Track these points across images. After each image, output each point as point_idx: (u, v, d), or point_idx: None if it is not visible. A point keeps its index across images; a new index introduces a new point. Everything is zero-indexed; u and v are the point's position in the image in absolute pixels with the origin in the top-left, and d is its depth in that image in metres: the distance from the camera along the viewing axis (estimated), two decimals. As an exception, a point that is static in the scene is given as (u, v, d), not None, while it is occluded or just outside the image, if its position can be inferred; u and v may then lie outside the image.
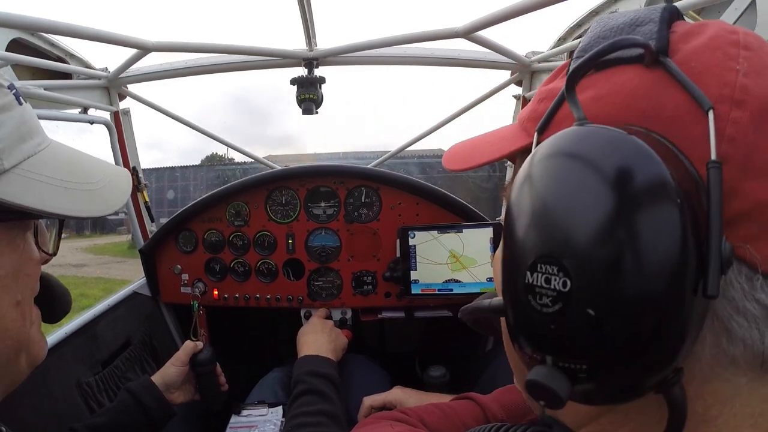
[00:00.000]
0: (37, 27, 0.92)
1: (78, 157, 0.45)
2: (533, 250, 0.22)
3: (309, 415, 0.82)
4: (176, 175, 13.60)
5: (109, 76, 1.24)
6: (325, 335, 1.08)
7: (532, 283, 0.22)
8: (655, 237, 0.19)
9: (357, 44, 1.18)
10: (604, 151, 0.21)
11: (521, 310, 0.23)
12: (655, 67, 0.24)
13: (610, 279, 0.20)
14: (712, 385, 0.24)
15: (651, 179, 0.20)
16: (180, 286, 1.31)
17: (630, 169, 0.20)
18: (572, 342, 0.21)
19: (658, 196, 0.20)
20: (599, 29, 0.28)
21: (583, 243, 0.20)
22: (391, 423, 0.56)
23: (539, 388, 0.22)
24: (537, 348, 0.23)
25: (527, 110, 0.33)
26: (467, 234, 1.13)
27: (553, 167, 0.23)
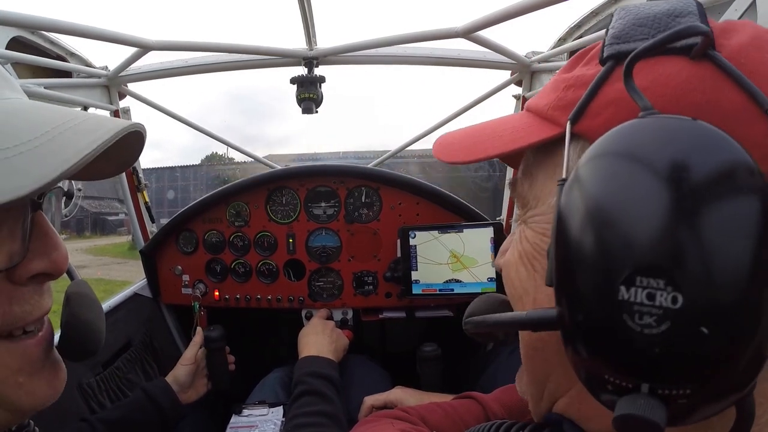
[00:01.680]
0: (37, 25, 0.92)
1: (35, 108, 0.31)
2: (628, 260, 0.19)
3: (309, 416, 0.82)
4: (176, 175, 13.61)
5: (110, 74, 1.24)
6: (326, 336, 1.08)
7: (628, 299, 0.19)
8: (763, 238, 0.18)
9: (357, 44, 1.18)
10: (707, 146, 0.19)
11: (610, 332, 0.20)
12: (702, 60, 0.23)
13: (725, 291, 0.18)
14: (762, 386, 0.23)
15: (749, 175, 0.18)
16: (181, 287, 1.31)
17: (732, 166, 0.18)
18: (679, 366, 0.19)
19: (757, 194, 0.18)
20: (632, 17, 0.27)
21: (695, 251, 0.18)
22: (391, 421, 0.55)
23: (636, 421, 0.19)
24: (630, 375, 0.20)
25: (550, 98, 0.30)
26: (468, 234, 1.12)
27: (644, 167, 0.20)
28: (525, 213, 0.33)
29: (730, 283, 0.18)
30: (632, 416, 0.19)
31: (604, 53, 0.27)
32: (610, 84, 0.26)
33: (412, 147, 1.64)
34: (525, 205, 0.33)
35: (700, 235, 0.18)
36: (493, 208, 1.56)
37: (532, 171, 0.32)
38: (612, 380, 0.20)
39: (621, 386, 0.20)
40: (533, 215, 0.32)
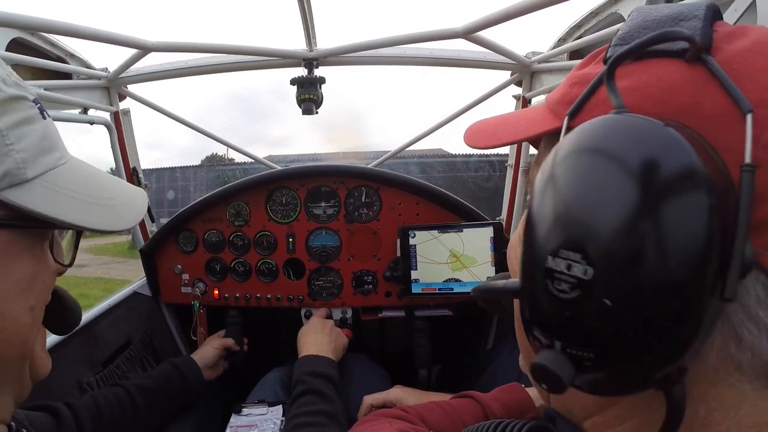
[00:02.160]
0: (37, 27, 0.92)
1: (97, 173, 0.46)
2: (559, 235, 0.22)
3: (309, 415, 0.82)
4: (176, 176, 13.60)
5: (109, 76, 1.25)
6: (326, 335, 1.09)
7: (552, 267, 0.22)
8: (682, 234, 0.19)
9: (357, 44, 1.18)
10: (642, 141, 0.21)
11: (537, 294, 0.23)
12: (696, 63, 0.24)
13: (631, 271, 0.20)
14: (717, 389, 0.24)
15: (686, 174, 0.20)
16: (180, 286, 1.31)
17: (665, 162, 0.20)
18: (583, 330, 0.22)
19: (690, 193, 0.20)
20: (640, 19, 0.28)
21: (610, 233, 0.20)
22: (390, 420, 0.56)
23: (544, 371, 0.22)
24: (547, 332, 0.23)
25: (558, 93, 0.32)
26: (467, 233, 1.13)
27: (586, 154, 0.22)
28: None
29: (634, 265, 0.20)
30: (542, 366, 0.23)
31: (608, 53, 0.28)
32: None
33: (412, 147, 1.65)
34: None
35: (615, 219, 0.20)
36: (493, 208, 1.57)
37: (540, 159, 0.35)
38: (538, 337, 0.24)
39: (542, 342, 0.24)
40: None
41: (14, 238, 0.37)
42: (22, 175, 0.37)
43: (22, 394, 0.41)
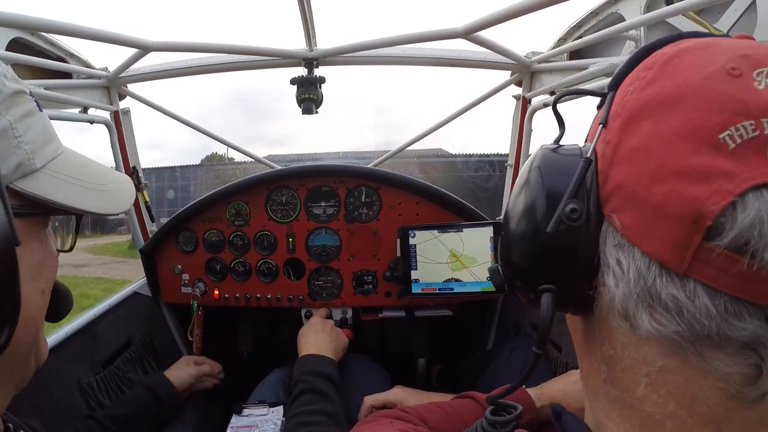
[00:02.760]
0: (37, 26, 0.92)
1: (89, 161, 0.49)
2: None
3: (309, 414, 0.82)
4: (176, 175, 13.59)
5: (109, 75, 1.24)
6: (326, 335, 1.09)
7: None
8: (531, 200, 0.32)
9: (357, 44, 1.18)
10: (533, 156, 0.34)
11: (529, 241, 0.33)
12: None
13: (519, 219, 0.33)
14: (614, 332, 0.29)
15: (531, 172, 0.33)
16: (180, 286, 1.31)
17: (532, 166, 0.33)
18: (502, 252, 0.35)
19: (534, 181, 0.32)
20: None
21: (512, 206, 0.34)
22: (391, 421, 0.56)
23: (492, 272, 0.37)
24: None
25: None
26: (467, 233, 1.13)
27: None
28: None
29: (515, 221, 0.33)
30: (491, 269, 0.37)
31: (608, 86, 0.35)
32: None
33: (412, 147, 1.64)
34: None
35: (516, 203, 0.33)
36: (492, 208, 1.57)
37: None
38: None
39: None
40: None
41: (26, 225, 0.39)
42: (33, 165, 0.39)
43: (24, 380, 0.43)
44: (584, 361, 0.34)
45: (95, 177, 0.46)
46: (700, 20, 0.86)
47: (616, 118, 0.29)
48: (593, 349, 0.32)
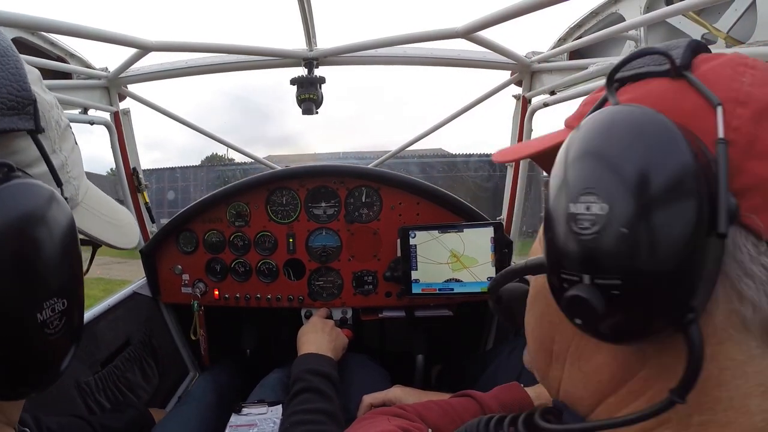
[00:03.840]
0: (37, 26, 0.92)
1: (106, 197, 0.54)
2: (576, 185, 0.27)
3: (308, 413, 0.82)
4: (176, 176, 13.59)
5: (109, 75, 1.25)
6: (326, 334, 1.08)
7: (574, 212, 0.26)
8: (676, 182, 0.24)
9: (357, 44, 1.18)
10: (641, 118, 0.27)
11: (563, 238, 0.27)
12: (678, 78, 0.30)
13: (643, 207, 0.24)
14: (725, 347, 0.26)
15: (671, 138, 0.25)
16: (180, 287, 1.31)
17: (658, 129, 0.26)
18: (608, 258, 0.25)
19: (677, 149, 0.25)
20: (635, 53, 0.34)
21: (621, 177, 0.25)
22: (389, 418, 0.56)
23: (577, 300, 0.26)
24: (576, 268, 0.26)
25: (575, 113, 0.38)
26: (468, 233, 1.13)
27: (601, 126, 0.28)
28: None
29: (644, 204, 0.24)
30: (575, 295, 0.26)
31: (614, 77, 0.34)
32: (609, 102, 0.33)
33: (412, 147, 1.64)
34: None
35: (627, 171, 0.25)
36: (493, 208, 1.57)
37: None
38: (566, 277, 0.27)
39: (572, 281, 0.27)
40: None
41: None
42: (77, 199, 0.43)
43: None
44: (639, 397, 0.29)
45: (113, 212, 0.51)
46: (700, 20, 0.86)
47: (736, 105, 0.27)
48: (664, 378, 0.27)
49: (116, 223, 0.50)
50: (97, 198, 0.49)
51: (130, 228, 0.54)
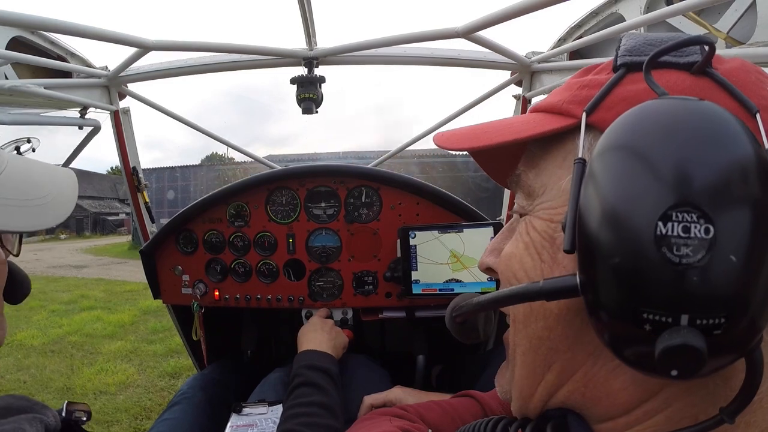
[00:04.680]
0: (37, 25, 0.92)
1: (30, 170, 0.51)
2: (663, 198, 0.21)
3: (303, 406, 0.83)
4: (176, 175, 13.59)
5: (109, 74, 1.24)
6: (326, 333, 1.09)
7: (666, 233, 0.21)
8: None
9: (357, 44, 1.18)
10: (721, 113, 0.23)
11: (651, 268, 0.21)
12: (700, 75, 0.28)
13: (753, 222, 0.20)
14: None
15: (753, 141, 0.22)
16: (181, 287, 1.31)
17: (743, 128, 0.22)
18: (714, 293, 0.21)
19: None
20: (642, 38, 0.31)
21: (727, 185, 0.21)
22: (389, 418, 0.56)
23: (680, 352, 0.21)
24: (670, 308, 0.21)
25: (565, 95, 0.34)
26: (468, 234, 1.13)
27: (671, 124, 0.23)
28: (532, 203, 0.35)
29: (753, 218, 0.20)
30: (676, 346, 0.20)
31: (618, 62, 0.31)
32: (623, 86, 0.30)
33: (412, 147, 1.64)
34: (531, 195, 0.35)
35: (727, 176, 0.21)
36: (493, 208, 1.57)
37: (537, 162, 0.35)
38: (651, 318, 0.22)
39: (661, 322, 0.21)
40: (541, 203, 0.34)
41: None
42: None
43: None
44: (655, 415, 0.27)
45: (35, 190, 0.49)
46: (700, 21, 0.86)
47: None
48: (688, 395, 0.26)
49: (35, 203, 0.48)
50: (12, 182, 0.47)
51: (58, 201, 0.51)
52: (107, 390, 3.10)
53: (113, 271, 9.35)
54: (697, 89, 0.27)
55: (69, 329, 4.60)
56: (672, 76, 0.29)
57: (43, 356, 3.82)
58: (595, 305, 0.25)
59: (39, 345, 4.11)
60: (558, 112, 0.34)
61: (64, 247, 16.08)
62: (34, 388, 3.13)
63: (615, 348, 0.25)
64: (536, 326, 0.32)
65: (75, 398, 2.96)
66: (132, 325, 4.77)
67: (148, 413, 2.75)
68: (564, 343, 0.30)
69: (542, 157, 0.35)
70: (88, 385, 3.19)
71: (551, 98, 0.35)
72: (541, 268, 0.32)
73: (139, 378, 3.33)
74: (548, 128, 0.33)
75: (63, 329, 4.60)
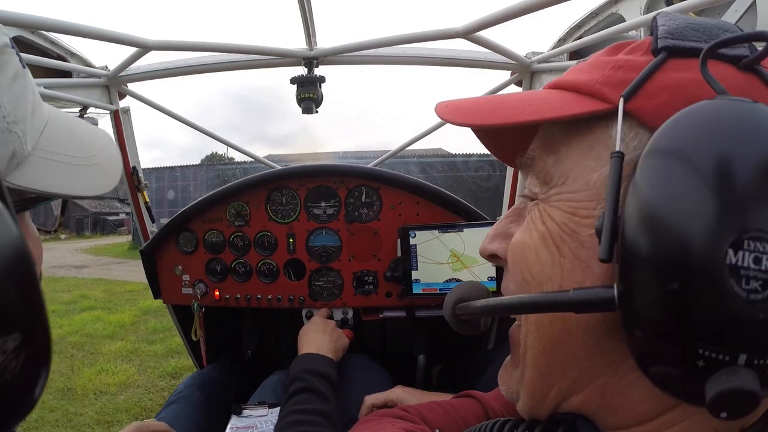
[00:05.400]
0: (37, 25, 0.92)
1: (74, 126, 0.42)
2: (737, 222, 0.19)
3: (306, 414, 0.81)
4: (176, 175, 13.60)
5: (110, 74, 1.24)
6: (327, 335, 1.08)
7: (736, 263, 0.19)
8: None
9: (357, 44, 1.18)
10: None
11: (714, 300, 0.19)
12: (747, 72, 0.25)
13: None
14: None
15: None
16: (181, 287, 1.31)
17: None
18: None
19: None
20: (683, 21, 0.28)
21: None
22: (391, 420, 0.55)
23: (732, 396, 0.19)
24: (730, 346, 0.19)
25: (596, 75, 0.30)
26: (468, 233, 1.13)
27: (748, 135, 0.20)
28: (548, 190, 0.31)
29: None
30: (734, 390, 0.19)
31: (659, 44, 0.28)
32: (664, 72, 0.27)
33: (412, 147, 1.64)
34: (547, 182, 0.32)
35: None
36: (493, 208, 1.57)
37: (558, 147, 0.31)
38: (707, 354, 0.20)
39: (717, 360, 0.20)
40: (560, 192, 0.30)
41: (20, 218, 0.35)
42: (25, 150, 0.33)
43: None
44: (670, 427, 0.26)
45: (84, 148, 0.40)
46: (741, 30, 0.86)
47: None
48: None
49: (88, 163, 0.39)
50: (62, 133, 0.39)
51: (108, 163, 0.42)
52: (108, 390, 3.11)
53: (113, 271, 9.35)
54: (748, 87, 0.25)
55: (69, 329, 4.60)
56: (719, 69, 0.25)
57: (43, 356, 3.82)
58: (635, 325, 0.23)
59: (39, 345, 4.11)
60: (588, 93, 0.30)
61: (64, 247, 16.09)
62: (34, 388, 3.13)
63: (648, 369, 0.23)
64: (553, 329, 0.29)
65: (76, 399, 2.97)
66: (132, 325, 4.78)
67: (149, 413, 2.75)
68: (583, 351, 0.28)
69: (564, 142, 0.31)
70: (88, 385, 3.19)
71: (578, 75, 0.31)
72: (561, 264, 0.29)
73: (139, 378, 3.33)
74: (577, 111, 0.29)
75: (63, 329, 4.60)
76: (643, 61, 0.28)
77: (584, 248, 0.28)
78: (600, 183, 0.28)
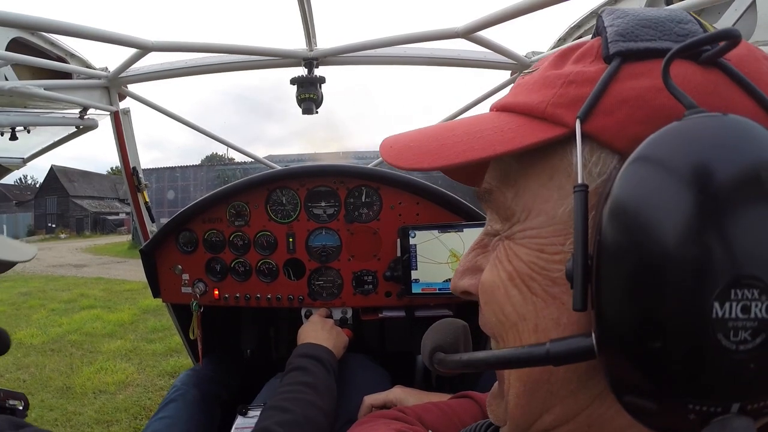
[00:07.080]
0: (37, 26, 0.92)
1: None
2: (723, 272, 0.17)
3: (288, 386, 0.87)
4: (176, 175, 13.60)
5: (110, 75, 1.25)
6: (326, 332, 1.09)
7: (722, 316, 0.17)
8: None
9: (357, 44, 1.18)
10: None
11: (700, 356, 0.18)
12: (710, 67, 0.23)
13: None
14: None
15: None
16: (181, 286, 1.31)
17: None
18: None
19: None
20: (633, 18, 0.26)
21: None
22: (388, 421, 0.56)
23: None
24: (721, 397, 0.18)
25: (547, 94, 0.27)
26: (468, 233, 1.13)
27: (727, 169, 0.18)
28: (510, 227, 0.29)
29: None
30: None
31: (610, 50, 0.25)
32: (621, 81, 0.25)
33: (411, 147, 1.64)
34: (509, 218, 0.30)
35: None
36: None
37: (515, 179, 0.29)
38: (698, 408, 0.19)
39: (709, 412, 0.19)
40: (524, 229, 0.28)
41: None
42: None
43: None
44: None
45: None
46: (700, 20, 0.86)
47: None
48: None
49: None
50: None
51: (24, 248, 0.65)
52: (107, 389, 3.11)
53: (113, 270, 9.35)
54: (712, 86, 0.23)
55: (69, 328, 4.61)
56: (679, 69, 0.23)
57: (42, 355, 3.82)
58: (617, 378, 0.22)
59: (39, 344, 4.11)
60: (540, 116, 0.27)
61: (64, 247, 16.09)
62: (33, 387, 3.13)
63: (636, 416, 0.22)
64: (532, 370, 0.28)
65: (75, 397, 2.97)
66: (131, 324, 4.78)
67: (148, 413, 2.75)
68: (565, 389, 0.27)
69: (521, 173, 0.29)
70: (87, 384, 3.19)
71: (527, 96, 0.29)
72: (533, 302, 0.27)
73: (138, 377, 3.33)
74: (531, 141, 0.26)
75: (63, 328, 4.60)
76: (595, 71, 0.26)
77: (556, 285, 0.26)
78: (566, 216, 0.26)
